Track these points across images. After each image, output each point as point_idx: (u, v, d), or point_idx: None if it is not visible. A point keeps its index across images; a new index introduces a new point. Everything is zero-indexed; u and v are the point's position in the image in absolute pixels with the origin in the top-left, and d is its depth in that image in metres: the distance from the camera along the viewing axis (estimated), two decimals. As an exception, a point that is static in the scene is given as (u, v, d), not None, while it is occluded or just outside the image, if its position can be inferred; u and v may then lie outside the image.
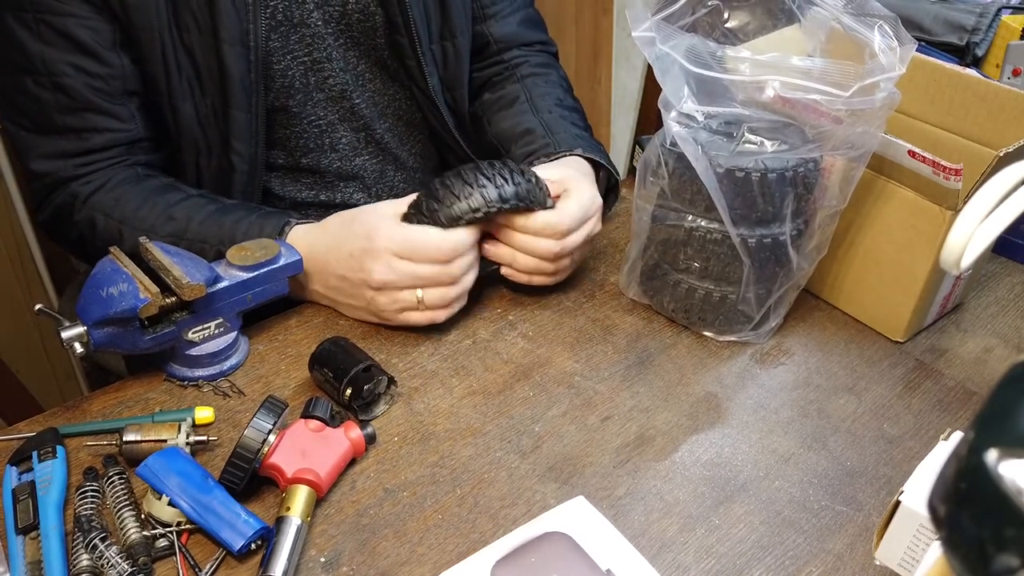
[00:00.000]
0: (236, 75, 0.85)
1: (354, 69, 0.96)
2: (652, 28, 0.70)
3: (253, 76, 0.86)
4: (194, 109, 0.87)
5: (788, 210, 0.73)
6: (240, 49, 0.84)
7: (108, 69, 0.83)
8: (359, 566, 0.60)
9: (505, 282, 0.86)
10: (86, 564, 0.57)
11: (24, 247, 1.60)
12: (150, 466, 0.61)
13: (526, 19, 1.07)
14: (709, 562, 0.61)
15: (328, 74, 0.94)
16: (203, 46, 0.84)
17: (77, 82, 0.82)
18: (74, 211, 0.85)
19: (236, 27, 0.83)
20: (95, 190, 0.85)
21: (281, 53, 0.90)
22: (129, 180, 0.86)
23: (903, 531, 0.54)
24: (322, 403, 0.67)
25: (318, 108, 0.95)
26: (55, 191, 0.86)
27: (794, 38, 0.80)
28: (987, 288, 0.91)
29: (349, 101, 0.96)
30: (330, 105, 0.96)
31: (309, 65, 0.92)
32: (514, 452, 0.69)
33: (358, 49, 0.95)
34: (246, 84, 0.86)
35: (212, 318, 0.73)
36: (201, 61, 0.84)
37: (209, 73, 0.85)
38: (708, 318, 0.81)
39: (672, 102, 0.72)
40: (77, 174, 0.85)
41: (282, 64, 0.90)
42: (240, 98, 0.86)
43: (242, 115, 0.87)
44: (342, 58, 0.94)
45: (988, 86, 0.80)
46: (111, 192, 0.85)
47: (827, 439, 0.72)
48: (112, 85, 0.84)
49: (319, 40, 0.91)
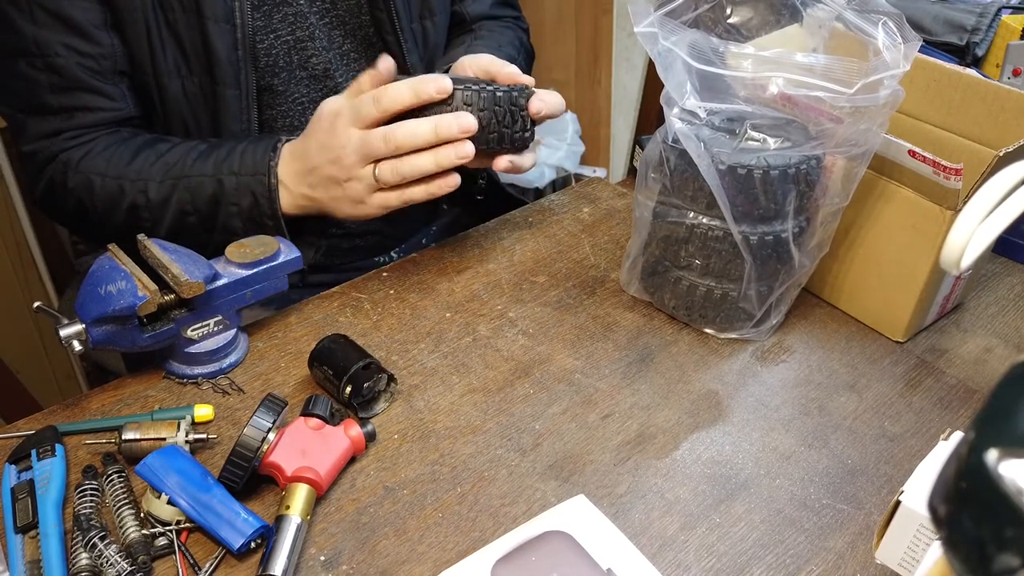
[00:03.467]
0: (223, 53, 0.86)
1: (339, 48, 0.97)
2: (654, 24, 0.70)
3: (240, 53, 0.87)
4: (181, 87, 0.88)
5: (790, 207, 0.73)
6: (226, 27, 0.85)
7: (99, 48, 0.85)
8: (359, 564, 0.60)
9: (505, 279, 0.86)
10: (85, 563, 0.57)
11: (24, 247, 1.60)
12: (149, 464, 0.61)
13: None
14: (710, 560, 0.61)
15: (311, 53, 0.95)
16: (187, 24, 0.85)
17: (69, 62, 0.84)
18: (67, 179, 0.87)
19: (220, 5, 0.85)
20: (84, 155, 0.86)
21: (264, 32, 0.91)
22: (116, 141, 0.87)
23: (903, 531, 0.54)
24: (322, 401, 0.67)
25: (301, 86, 0.96)
26: (48, 164, 0.88)
27: (797, 35, 0.79)
28: (987, 288, 0.91)
29: (332, 80, 0.97)
30: (313, 84, 0.96)
31: (292, 44, 0.93)
32: (514, 450, 0.69)
33: (343, 28, 0.96)
34: (233, 62, 0.87)
35: (211, 315, 0.73)
36: (186, 39, 0.86)
37: (195, 51, 0.86)
38: (709, 315, 0.81)
39: (674, 98, 0.72)
40: (67, 146, 0.87)
41: (266, 43, 0.91)
42: (228, 75, 0.87)
43: (231, 92, 0.88)
44: (326, 36, 0.95)
45: (988, 86, 0.80)
46: (101, 154, 0.86)
47: (828, 437, 0.72)
48: (103, 64, 0.85)
49: (301, 19, 0.92)
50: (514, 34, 1.09)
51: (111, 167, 0.85)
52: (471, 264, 0.91)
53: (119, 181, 0.85)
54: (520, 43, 1.09)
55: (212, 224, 0.85)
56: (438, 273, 0.89)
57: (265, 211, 0.82)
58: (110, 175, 0.85)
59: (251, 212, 0.83)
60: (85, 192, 0.86)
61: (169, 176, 0.84)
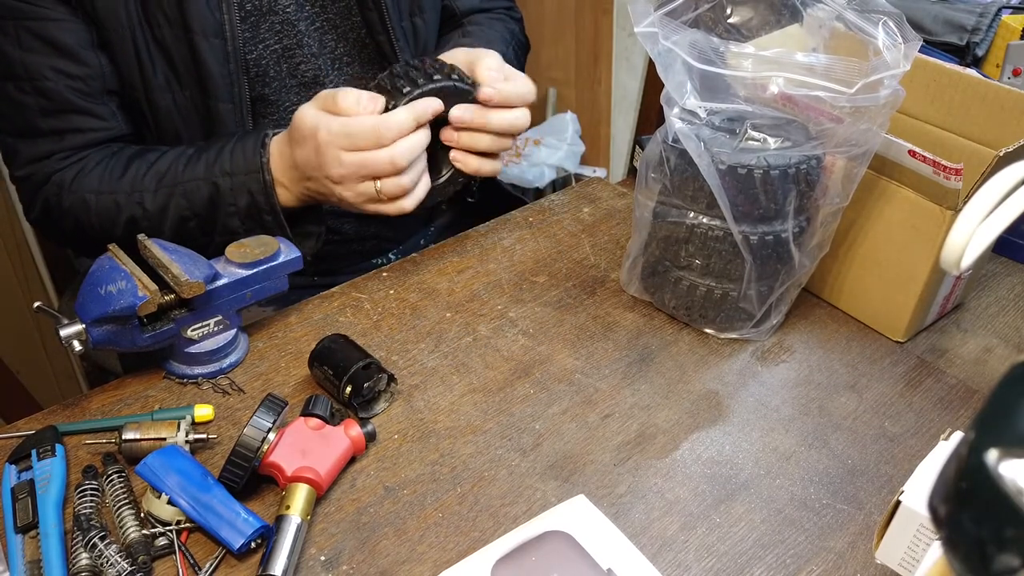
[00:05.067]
0: (214, 67, 0.86)
1: (331, 52, 0.97)
2: (655, 24, 0.70)
3: (232, 67, 0.87)
4: (173, 102, 0.88)
5: (790, 207, 0.73)
6: (216, 41, 0.85)
7: (88, 69, 0.85)
8: (359, 564, 0.60)
9: (505, 279, 0.86)
10: (85, 563, 0.57)
11: (24, 247, 1.60)
12: (149, 464, 0.61)
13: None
14: (710, 561, 0.61)
15: (300, 60, 0.94)
16: (175, 39, 0.85)
17: (58, 85, 0.84)
18: (62, 200, 0.87)
19: (209, 19, 0.84)
20: (76, 175, 0.86)
21: (253, 43, 0.91)
22: (105, 157, 0.87)
23: (903, 531, 0.54)
24: (322, 401, 0.67)
25: (291, 94, 0.96)
26: (41, 188, 0.88)
27: (797, 35, 0.79)
28: (987, 288, 0.91)
29: (322, 86, 0.97)
30: (303, 91, 0.96)
31: (280, 53, 0.93)
32: (515, 450, 0.69)
33: (335, 32, 0.96)
34: (225, 75, 0.87)
35: (211, 315, 0.73)
36: (176, 54, 0.86)
37: (184, 66, 0.86)
38: (709, 315, 0.81)
39: (675, 98, 0.72)
40: (59, 167, 0.87)
41: (254, 54, 0.91)
42: (221, 90, 0.87)
43: (224, 106, 0.88)
44: (317, 42, 0.95)
45: (988, 86, 0.80)
46: (92, 172, 0.86)
47: (828, 437, 0.72)
48: (92, 85, 0.85)
49: (289, 27, 0.92)
50: (504, 26, 1.09)
51: (104, 183, 0.85)
52: (471, 264, 0.91)
53: (114, 196, 0.85)
54: (511, 35, 1.09)
55: (212, 227, 0.85)
56: (438, 273, 0.89)
57: (263, 207, 0.83)
58: (104, 191, 0.85)
59: (249, 210, 0.83)
60: (82, 211, 0.86)
61: (163, 184, 0.84)
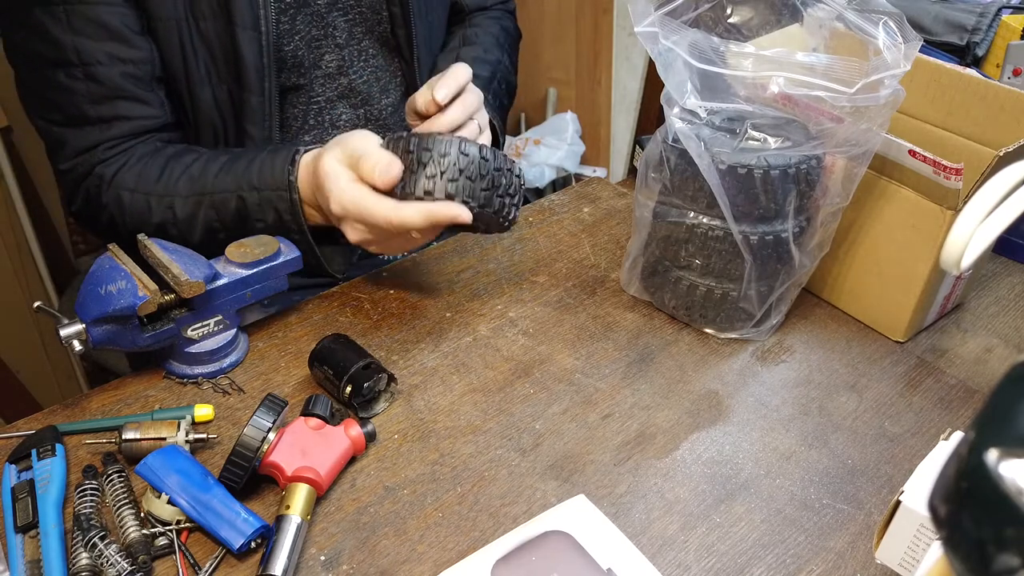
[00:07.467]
0: (250, 60, 0.86)
1: (357, 44, 0.98)
2: (655, 23, 0.70)
3: (265, 60, 0.87)
4: (212, 95, 0.89)
5: (790, 207, 0.73)
6: (252, 33, 0.86)
7: (140, 53, 0.84)
8: (359, 564, 0.60)
9: (505, 279, 0.86)
10: (85, 563, 0.57)
11: (24, 247, 1.60)
12: (149, 464, 0.61)
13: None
14: (710, 560, 0.61)
15: (325, 51, 0.95)
16: (218, 32, 0.85)
17: (111, 70, 0.83)
18: (102, 194, 0.87)
19: (249, 12, 0.85)
20: (118, 169, 0.86)
21: (290, 35, 0.91)
22: (148, 153, 0.87)
23: (903, 531, 0.54)
24: (322, 401, 0.67)
25: (316, 85, 0.96)
26: (85, 179, 0.87)
27: (797, 35, 0.79)
28: (987, 288, 0.90)
29: (346, 77, 0.98)
30: (328, 82, 0.97)
31: (309, 43, 0.94)
32: (514, 450, 0.69)
33: (365, 24, 0.97)
34: (258, 68, 0.87)
35: (211, 315, 0.73)
36: (217, 47, 0.86)
37: (225, 59, 0.87)
38: (709, 315, 0.81)
39: (675, 98, 0.72)
40: (104, 158, 0.86)
41: (291, 45, 0.92)
42: (254, 82, 0.88)
43: (255, 99, 0.89)
44: (346, 33, 0.96)
45: (988, 86, 0.80)
46: (133, 168, 0.86)
47: (828, 437, 0.72)
48: (143, 70, 0.85)
49: (319, 19, 0.93)
50: (499, 26, 1.11)
51: (140, 183, 0.85)
52: (471, 264, 0.91)
53: (147, 197, 0.85)
54: (505, 33, 1.11)
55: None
56: (438, 273, 0.89)
57: (291, 226, 0.82)
58: (139, 191, 0.85)
59: (277, 228, 0.82)
60: (116, 208, 0.86)
61: (194, 192, 0.84)
